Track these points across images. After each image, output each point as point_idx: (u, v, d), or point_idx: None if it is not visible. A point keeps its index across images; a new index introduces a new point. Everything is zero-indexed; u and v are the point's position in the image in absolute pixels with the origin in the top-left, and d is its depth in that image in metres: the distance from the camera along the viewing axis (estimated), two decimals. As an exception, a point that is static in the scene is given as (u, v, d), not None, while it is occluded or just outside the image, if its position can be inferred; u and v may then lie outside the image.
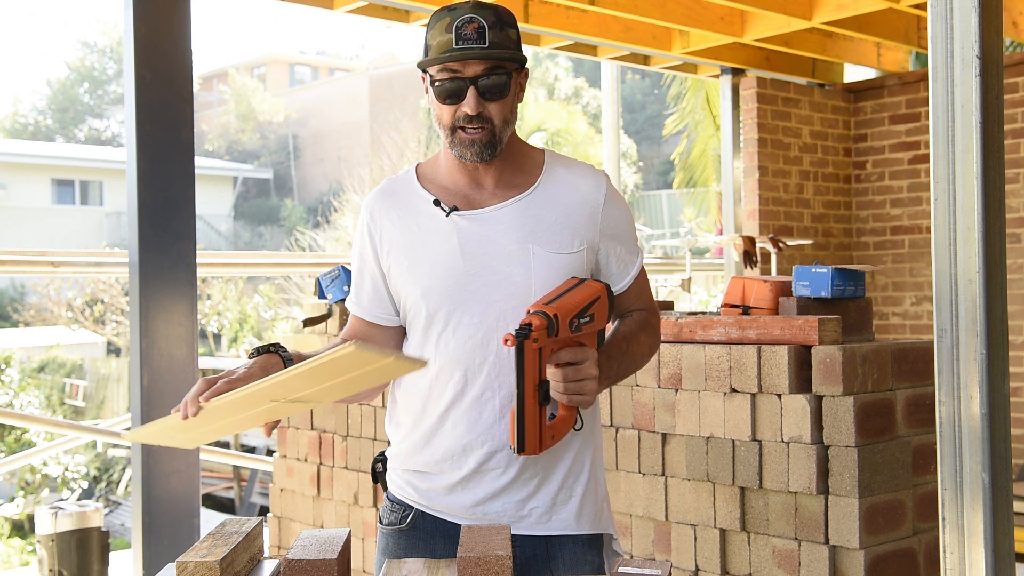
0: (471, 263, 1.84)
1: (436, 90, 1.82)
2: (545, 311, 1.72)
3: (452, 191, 1.90)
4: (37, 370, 16.61)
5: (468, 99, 1.79)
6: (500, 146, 1.84)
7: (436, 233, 1.87)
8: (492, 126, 1.82)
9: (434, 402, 1.88)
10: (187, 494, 3.79)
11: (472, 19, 1.78)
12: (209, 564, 1.44)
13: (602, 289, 1.81)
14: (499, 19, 1.81)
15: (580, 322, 1.76)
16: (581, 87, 27.41)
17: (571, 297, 1.77)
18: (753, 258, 5.21)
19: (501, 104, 1.82)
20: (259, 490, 14.38)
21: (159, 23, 3.77)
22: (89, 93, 33.90)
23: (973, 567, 1.36)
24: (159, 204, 3.76)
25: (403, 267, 1.89)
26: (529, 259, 1.84)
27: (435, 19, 1.82)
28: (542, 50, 6.47)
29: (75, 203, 26.61)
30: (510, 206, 1.87)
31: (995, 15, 1.37)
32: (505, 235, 1.85)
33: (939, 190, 1.40)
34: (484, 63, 1.79)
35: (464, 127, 1.81)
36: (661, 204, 25.09)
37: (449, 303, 1.85)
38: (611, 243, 1.93)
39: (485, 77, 1.79)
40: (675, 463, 2.84)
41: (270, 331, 18.33)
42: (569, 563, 1.87)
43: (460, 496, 1.87)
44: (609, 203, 1.92)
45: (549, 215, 1.87)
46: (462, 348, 1.84)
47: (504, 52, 1.79)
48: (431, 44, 1.81)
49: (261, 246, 28.22)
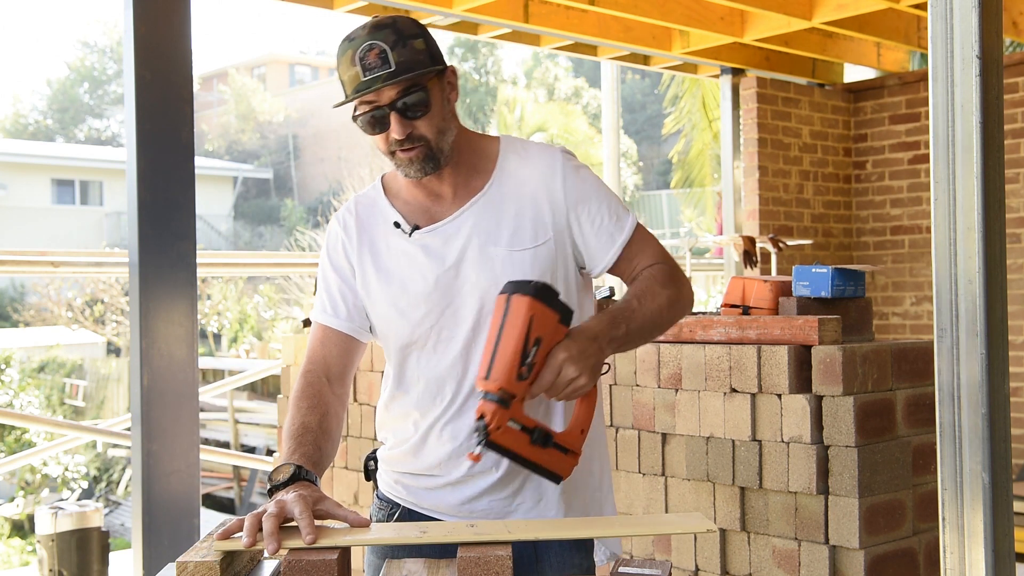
0: (441, 279, 1.83)
1: (360, 124, 1.78)
2: (489, 391, 1.60)
3: (414, 205, 1.88)
4: (37, 370, 16.60)
5: (393, 125, 1.75)
6: (442, 157, 1.80)
7: (403, 254, 1.86)
8: (426, 142, 1.78)
9: (421, 417, 1.88)
10: (187, 494, 3.79)
11: (372, 46, 1.72)
12: (209, 564, 1.44)
13: (529, 302, 1.62)
14: (400, 35, 1.74)
15: (528, 362, 1.61)
16: (581, 87, 27.42)
17: (505, 344, 1.62)
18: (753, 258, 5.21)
19: (428, 118, 1.77)
20: (259, 490, 14.38)
21: (159, 23, 3.77)
22: (89, 93, 33.91)
23: (973, 567, 1.36)
24: (159, 204, 3.76)
25: (375, 290, 1.88)
26: (494, 263, 1.81)
27: (340, 52, 1.78)
28: (542, 50, 6.47)
29: (75, 203, 26.61)
30: (468, 211, 1.84)
31: (995, 15, 1.37)
32: (468, 243, 1.82)
33: (939, 190, 1.40)
34: (396, 87, 1.73)
35: (399, 151, 1.78)
36: (661, 204, 25.09)
37: (425, 323, 1.84)
38: (582, 217, 1.84)
39: (402, 99, 1.74)
40: (675, 463, 2.84)
41: (270, 331, 18.34)
42: (556, 566, 1.86)
43: (448, 496, 1.88)
44: (567, 178, 1.85)
45: (508, 211, 1.83)
46: (441, 364, 1.84)
47: (412, 72, 1.72)
48: (343, 80, 1.77)
49: (261, 246, 28.22)
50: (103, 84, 33.72)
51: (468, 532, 1.54)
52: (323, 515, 1.59)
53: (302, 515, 1.53)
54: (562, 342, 1.65)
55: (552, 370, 1.63)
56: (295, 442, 1.74)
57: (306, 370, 1.88)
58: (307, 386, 1.84)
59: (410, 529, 1.60)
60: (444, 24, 5.65)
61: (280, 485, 1.63)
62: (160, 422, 3.73)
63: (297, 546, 1.48)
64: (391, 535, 1.60)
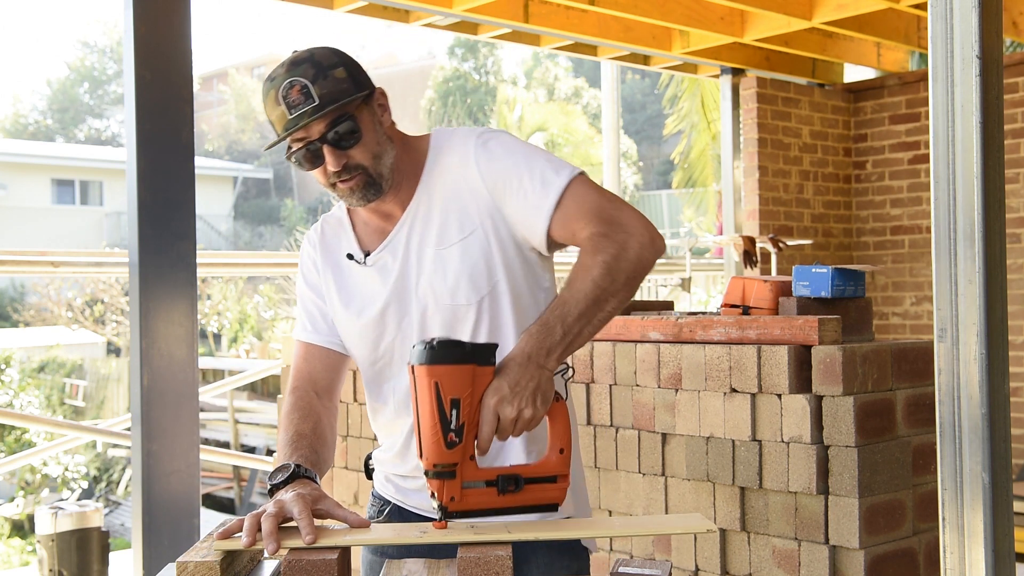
0: (391, 296, 1.85)
1: (295, 161, 1.78)
2: (426, 469, 1.54)
3: (370, 226, 1.90)
4: (37, 370, 16.61)
5: (327, 158, 1.75)
6: (383, 182, 1.79)
7: (361, 276, 1.88)
8: (363, 169, 1.77)
9: (400, 428, 1.91)
10: (187, 494, 3.79)
11: (293, 83, 1.72)
12: (209, 564, 1.44)
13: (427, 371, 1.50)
14: (319, 68, 1.73)
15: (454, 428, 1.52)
16: (581, 87, 27.42)
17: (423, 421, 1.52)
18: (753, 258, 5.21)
19: (362, 146, 1.76)
20: (259, 490, 14.38)
21: (159, 23, 3.77)
22: (89, 93, 33.91)
23: (973, 567, 1.36)
24: (159, 204, 3.76)
25: (338, 311, 1.91)
26: (424, 264, 1.81)
27: (263, 94, 1.78)
28: (542, 50, 6.47)
29: (75, 203, 26.61)
30: (404, 221, 1.84)
31: (995, 15, 1.37)
32: (408, 252, 1.83)
33: (939, 190, 1.40)
34: (324, 120, 1.73)
35: (338, 183, 1.78)
36: (661, 204, 25.11)
37: (385, 340, 1.87)
38: (505, 193, 1.78)
39: (331, 131, 1.73)
40: (675, 463, 2.84)
41: (270, 331, 18.34)
42: (543, 568, 1.86)
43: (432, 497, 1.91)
44: (480, 162, 1.79)
45: (437, 209, 1.82)
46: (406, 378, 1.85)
47: (337, 102, 1.71)
48: (272, 121, 1.78)
49: (261, 246, 28.21)
50: (103, 84, 33.72)
51: (468, 532, 1.54)
52: (323, 515, 1.58)
53: (301, 515, 1.53)
54: (490, 385, 1.56)
55: (489, 420, 1.55)
56: (291, 448, 1.75)
57: (294, 387, 1.90)
58: (297, 400, 1.86)
59: (410, 529, 1.60)
60: (444, 24, 5.66)
61: (279, 484, 1.64)
62: (160, 422, 3.73)
63: (297, 546, 1.49)
64: (391, 535, 1.60)
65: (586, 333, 1.67)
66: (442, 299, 1.80)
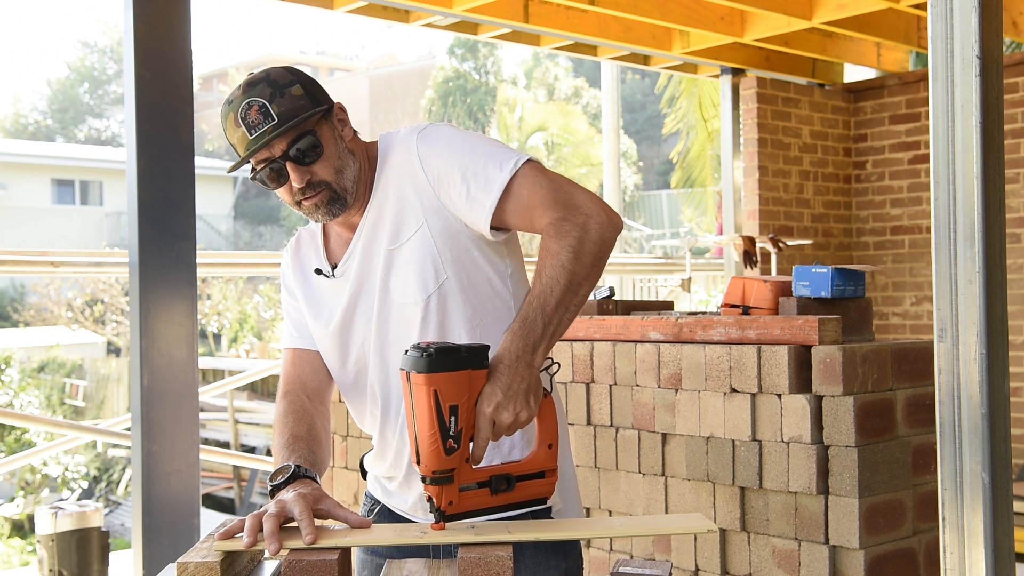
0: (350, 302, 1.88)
1: (260, 180, 1.80)
2: (423, 475, 1.54)
3: (340, 238, 1.93)
4: (37, 370, 16.61)
5: (291, 174, 1.77)
6: (347, 196, 1.81)
7: (330, 288, 1.92)
8: (326, 185, 1.79)
9: (371, 422, 1.95)
10: (187, 494, 3.79)
11: (251, 103, 1.74)
12: (210, 564, 1.44)
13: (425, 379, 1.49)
14: (276, 87, 1.75)
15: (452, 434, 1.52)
16: (581, 87, 27.41)
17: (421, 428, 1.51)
18: (753, 258, 5.21)
19: (324, 160, 1.78)
20: (259, 490, 14.38)
21: (159, 23, 3.77)
22: (89, 93, 33.90)
23: (973, 567, 1.36)
24: (159, 204, 3.76)
25: (310, 320, 1.94)
26: (385, 268, 1.83)
27: (223, 117, 1.80)
28: (542, 50, 6.47)
29: (75, 203, 26.60)
30: (364, 227, 1.86)
31: (995, 15, 1.37)
32: (369, 256, 1.86)
33: (939, 190, 1.40)
34: (285, 137, 1.74)
35: (302, 200, 1.80)
36: (661, 204, 25.10)
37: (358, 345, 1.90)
38: (449, 188, 1.77)
39: (293, 147, 1.75)
40: (675, 463, 2.84)
41: (270, 331, 18.34)
42: (531, 567, 1.86)
43: (407, 494, 1.94)
44: (423, 157, 1.79)
45: (389, 210, 1.83)
46: (378, 374, 1.88)
47: (296, 118, 1.73)
48: (233, 143, 1.80)
49: (261, 246, 28.21)
50: (103, 84, 33.72)
51: (468, 533, 1.54)
52: (324, 515, 1.59)
53: (302, 515, 1.53)
54: (484, 390, 1.56)
55: (485, 427, 1.56)
56: (288, 451, 1.77)
57: (284, 391, 1.92)
58: (289, 404, 1.88)
59: (410, 530, 1.60)
60: (444, 24, 5.66)
61: (280, 485, 1.64)
62: (160, 422, 3.73)
63: (297, 546, 1.49)
64: (391, 536, 1.61)
65: (565, 321, 1.67)
66: (395, 298, 1.83)
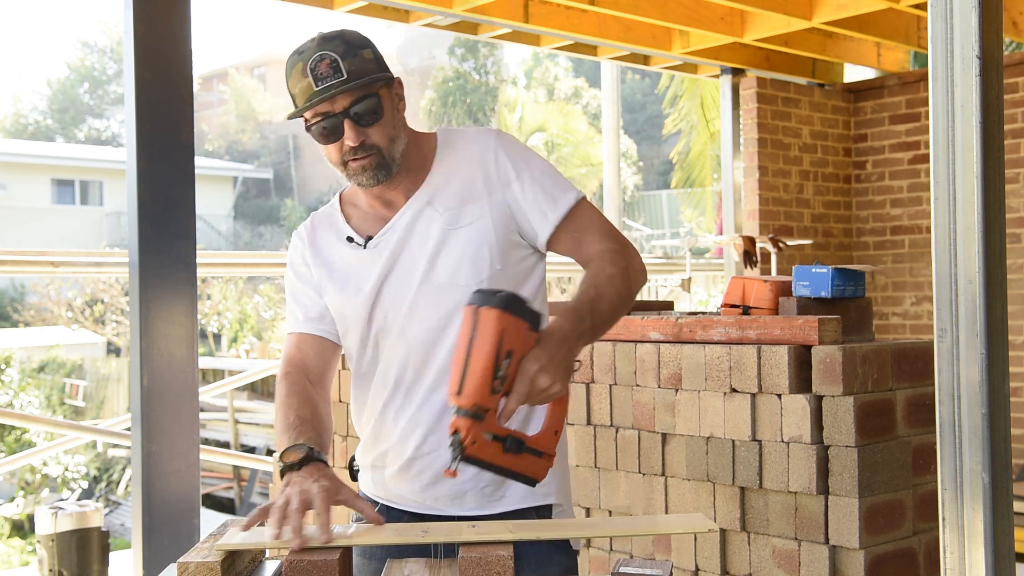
0: (396, 274, 1.88)
1: (314, 133, 1.82)
2: (461, 406, 1.58)
3: (370, 214, 1.94)
4: (37, 370, 16.61)
5: (346, 132, 1.79)
6: (393, 165, 1.84)
7: (358, 261, 1.91)
8: (378, 150, 1.82)
9: (368, 406, 1.95)
10: (187, 494, 3.79)
11: (323, 56, 1.77)
12: (210, 565, 1.44)
13: (498, 315, 1.58)
14: (349, 46, 1.79)
15: (501, 375, 1.58)
16: (581, 87, 27.40)
17: (476, 359, 1.57)
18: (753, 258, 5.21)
19: (380, 126, 1.82)
20: (259, 490, 14.38)
21: (159, 23, 3.77)
22: (89, 93, 33.89)
23: (973, 567, 1.36)
24: (159, 204, 3.76)
25: (332, 296, 1.94)
26: (437, 247, 1.85)
27: (289, 66, 1.82)
28: (542, 50, 6.47)
29: (75, 203, 26.60)
30: (411, 207, 1.89)
31: (995, 15, 1.37)
32: (410, 232, 1.88)
33: (939, 190, 1.40)
34: (349, 95, 1.78)
35: (351, 160, 1.82)
36: (661, 204, 25.10)
37: (382, 317, 1.89)
38: (516, 194, 1.87)
39: (355, 107, 1.78)
40: (675, 463, 2.84)
41: (270, 331, 18.34)
42: (535, 563, 1.87)
43: (408, 484, 1.92)
44: (499, 157, 1.88)
45: (445, 197, 1.88)
46: (397, 348, 1.89)
47: (364, 78, 1.77)
48: (294, 93, 1.81)
49: (261, 246, 28.20)
50: (103, 84, 33.70)
51: (470, 532, 1.54)
52: (342, 504, 1.63)
53: (321, 512, 1.57)
54: (533, 351, 1.62)
55: (525, 381, 1.61)
56: (295, 432, 1.78)
57: (285, 372, 1.92)
58: (292, 386, 1.89)
59: (412, 529, 1.61)
60: (444, 24, 5.66)
61: (294, 466, 1.66)
62: (160, 422, 3.73)
63: (311, 545, 1.50)
64: (392, 535, 1.61)
65: (599, 331, 1.79)
66: (441, 278, 1.85)
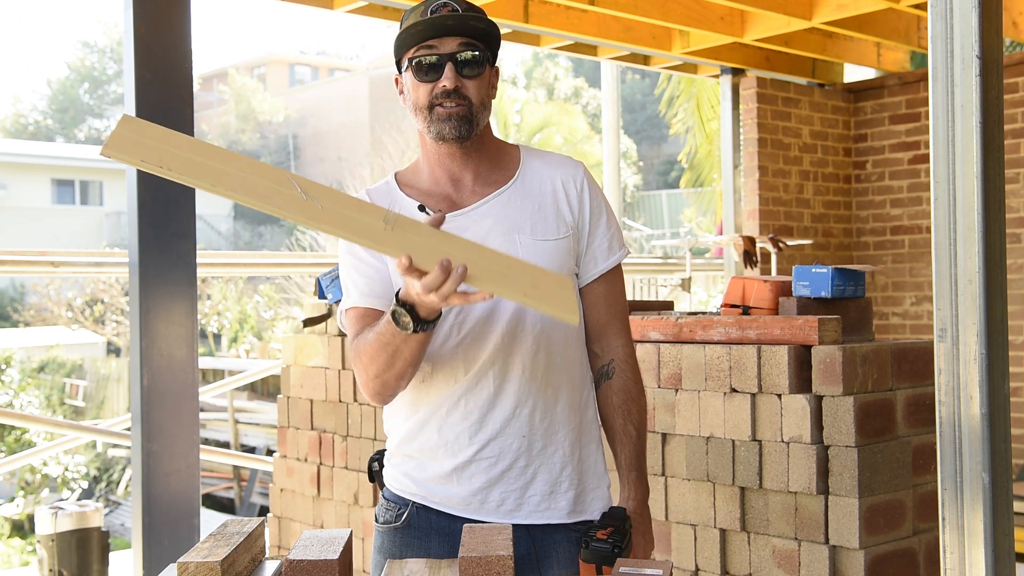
0: None
1: (415, 68, 1.84)
2: None
3: (434, 194, 1.90)
4: (37, 370, 16.61)
5: (446, 73, 1.82)
6: (477, 127, 1.86)
7: None
8: (469, 103, 1.84)
9: (431, 394, 1.87)
10: (187, 494, 3.79)
11: (447, 3, 1.83)
12: (211, 565, 1.44)
13: None
14: (471, 7, 1.86)
15: None
16: (581, 87, 27.41)
17: None
18: (753, 258, 5.21)
19: (478, 82, 1.84)
20: (259, 490, 14.38)
21: (159, 23, 3.77)
22: (89, 93, 33.89)
23: (973, 567, 1.36)
24: (159, 204, 3.76)
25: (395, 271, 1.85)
26: (517, 249, 1.84)
27: (406, 14, 1.88)
28: (542, 50, 6.46)
29: (75, 203, 26.60)
30: (491, 202, 1.89)
31: (995, 15, 1.37)
32: (492, 230, 1.86)
33: (939, 190, 1.40)
34: (460, 39, 1.82)
35: (442, 103, 1.83)
36: (661, 204, 25.09)
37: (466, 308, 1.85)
38: (591, 229, 1.94)
39: (462, 52, 1.82)
40: (675, 463, 2.84)
41: (270, 331, 18.33)
42: (564, 562, 1.87)
43: (456, 487, 1.86)
44: (586, 190, 1.94)
45: (531, 205, 1.89)
46: (459, 345, 1.84)
47: (479, 28, 1.82)
48: (405, 30, 1.84)
49: (261, 246, 28.20)
50: (103, 84, 33.70)
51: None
52: None
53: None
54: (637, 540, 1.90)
55: None
56: None
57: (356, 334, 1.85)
58: None
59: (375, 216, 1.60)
60: (444, 24, 5.65)
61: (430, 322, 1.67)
62: (160, 422, 3.73)
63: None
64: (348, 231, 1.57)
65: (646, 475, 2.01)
66: None
